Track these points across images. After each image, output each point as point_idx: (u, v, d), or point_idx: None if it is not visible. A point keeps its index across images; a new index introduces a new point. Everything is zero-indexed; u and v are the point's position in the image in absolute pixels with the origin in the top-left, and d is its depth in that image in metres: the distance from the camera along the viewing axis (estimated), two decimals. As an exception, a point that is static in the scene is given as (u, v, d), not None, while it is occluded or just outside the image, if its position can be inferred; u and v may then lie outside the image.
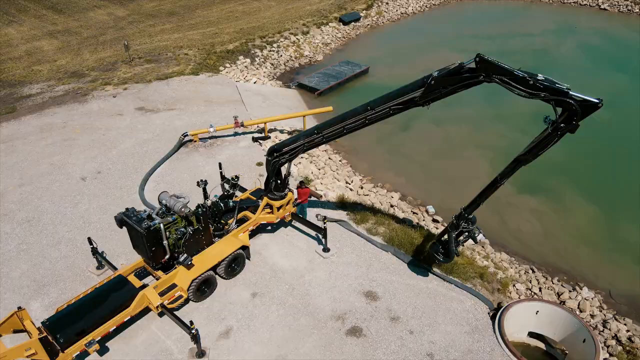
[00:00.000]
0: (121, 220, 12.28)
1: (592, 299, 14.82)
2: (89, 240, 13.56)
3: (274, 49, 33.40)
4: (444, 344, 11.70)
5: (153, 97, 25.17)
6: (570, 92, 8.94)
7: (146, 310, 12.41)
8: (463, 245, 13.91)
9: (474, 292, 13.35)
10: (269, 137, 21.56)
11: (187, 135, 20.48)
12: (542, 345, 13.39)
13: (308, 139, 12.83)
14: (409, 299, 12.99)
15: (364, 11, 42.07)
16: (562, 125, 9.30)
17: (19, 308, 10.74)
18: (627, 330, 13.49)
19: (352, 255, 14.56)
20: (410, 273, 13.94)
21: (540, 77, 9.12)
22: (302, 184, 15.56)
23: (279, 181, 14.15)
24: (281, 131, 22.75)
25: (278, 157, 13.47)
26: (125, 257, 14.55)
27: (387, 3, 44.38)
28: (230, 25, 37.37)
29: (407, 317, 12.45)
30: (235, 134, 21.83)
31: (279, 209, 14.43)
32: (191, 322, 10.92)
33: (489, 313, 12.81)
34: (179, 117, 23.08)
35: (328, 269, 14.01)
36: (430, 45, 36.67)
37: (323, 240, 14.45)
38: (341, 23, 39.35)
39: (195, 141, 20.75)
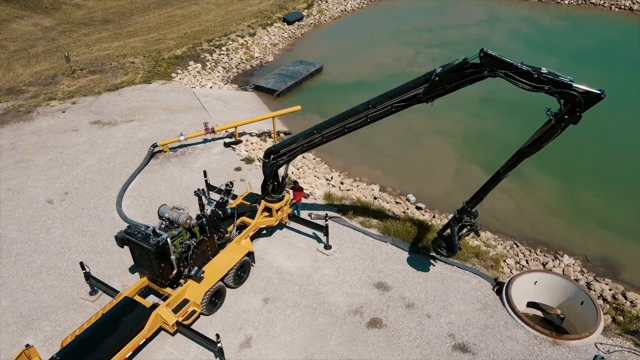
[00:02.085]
0: (122, 240, 11.58)
1: (573, 264, 16.02)
2: (82, 265, 12.64)
3: (223, 52, 32.68)
4: (461, 323, 12.17)
5: (107, 109, 23.78)
6: (574, 85, 9.05)
7: (156, 331, 11.81)
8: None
9: (475, 271, 13.97)
10: (241, 141, 21.15)
11: (156, 145, 19.59)
12: (540, 313, 14.29)
13: (307, 139, 12.71)
14: (419, 285, 13.36)
15: (306, 10, 42.24)
16: (565, 116, 9.39)
17: (27, 346, 9.83)
18: (610, 289, 14.73)
19: (354, 250, 14.70)
20: (413, 260, 14.32)
21: (544, 70, 9.24)
22: (296, 184, 15.46)
23: (276, 183, 13.98)
24: (250, 134, 22.38)
25: (276, 158, 13.30)
26: (118, 278, 13.74)
27: (326, 1, 44.82)
28: (173, 30, 36.06)
29: (421, 302, 12.80)
30: (205, 140, 21.19)
31: (277, 211, 14.25)
32: (217, 336, 10.55)
33: (493, 289, 13.47)
34: (140, 128, 22.00)
35: (334, 266, 14.05)
36: (375, 40, 37.53)
37: (325, 237, 14.45)
38: (285, 23, 39.25)
39: (165, 151, 19.89)
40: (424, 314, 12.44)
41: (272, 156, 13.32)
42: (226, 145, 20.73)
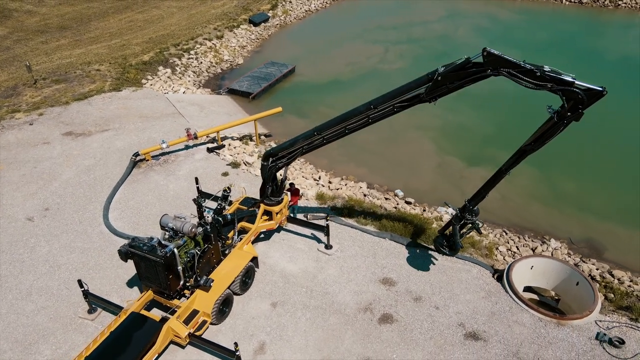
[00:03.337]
0: (127, 253, 11.17)
1: (560, 247, 16.71)
2: (80, 282, 12.09)
3: (192, 56, 32.01)
4: (469, 312, 12.47)
5: (79, 119, 22.82)
6: (576, 82, 9.06)
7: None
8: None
9: (474, 261, 14.35)
10: (224, 146, 20.81)
11: (138, 154, 18.97)
12: (535, 297, 14.83)
13: (307, 141, 12.65)
14: (423, 278, 13.59)
15: (271, 11, 41.98)
16: (568, 114, 9.41)
17: (37, 372, 9.32)
18: (597, 269, 15.47)
19: (354, 248, 14.77)
20: (414, 254, 14.55)
21: (546, 68, 9.23)
22: (292, 186, 15.37)
23: (275, 186, 13.85)
24: (232, 138, 22.05)
25: (275, 161, 13.18)
26: (116, 294, 13.24)
27: (290, 2, 44.70)
28: (136, 35, 34.99)
29: (428, 294, 13.03)
30: (187, 147, 20.71)
31: (277, 214, 14.13)
32: (236, 344, 10.36)
33: (493, 276, 13.87)
34: (117, 138, 21.24)
35: (337, 265, 14.08)
36: (343, 39, 37.76)
37: (326, 237, 14.45)
38: (251, 24, 38.88)
39: (147, 160, 19.29)
40: (432, 305, 12.68)
41: (271, 159, 13.19)
42: (209, 150, 20.34)
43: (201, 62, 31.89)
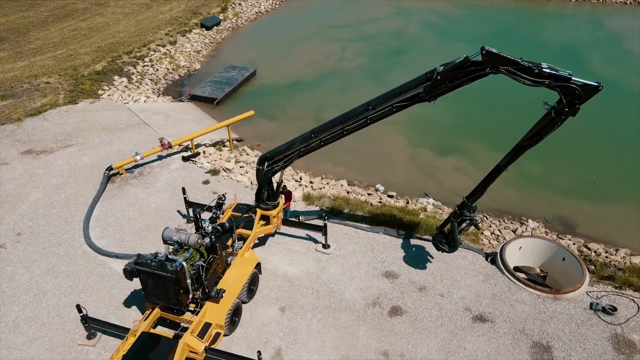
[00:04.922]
0: (132, 272, 10.69)
1: (537, 227, 17.68)
2: (78, 307, 11.40)
3: (147, 63, 30.90)
4: (473, 296, 12.95)
5: (36, 136, 21.44)
6: (573, 78, 9.24)
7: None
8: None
9: (467, 247, 14.88)
10: (199, 154, 20.29)
11: (112, 169, 18.11)
12: (524, 275, 15.60)
13: (304, 143, 12.60)
14: (423, 268, 13.95)
15: (221, 14, 41.27)
16: (566, 109, 9.59)
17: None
18: (574, 244, 16.52)
19: (352, 245, 14.91)
20: (410, 245, 14.90)
21: (544, 65, 9.40)
22: (285, 188, 15.26)
23: (271, 190, 13.72)
24: (205, 145, 21.55)
25: (271, 165, 13.05)
26: (114, 316, 12.63)
27: (240, 4, 44.15)
28: (83, 44, 33.26)
29: (431, 283, 13.40)
30: (160, 157, 20.00)
31: (274, 218, 14.00)
32: (259, 352, 10.18)
33: (487, 260, 14.47)
34: (83, 153, 20.15)
35: (338, 263, 14.16)
36: (299, 38, 37.83)
37: (323, 237, 14.49)
38: (204, 28, 38.07)
39: (121, 173, 18.46)
40: (437, 293, 13.05)
41: (266, 163, 13.05)
42: (185, 159, 19.76)
43: (157, 69, 30.85)
